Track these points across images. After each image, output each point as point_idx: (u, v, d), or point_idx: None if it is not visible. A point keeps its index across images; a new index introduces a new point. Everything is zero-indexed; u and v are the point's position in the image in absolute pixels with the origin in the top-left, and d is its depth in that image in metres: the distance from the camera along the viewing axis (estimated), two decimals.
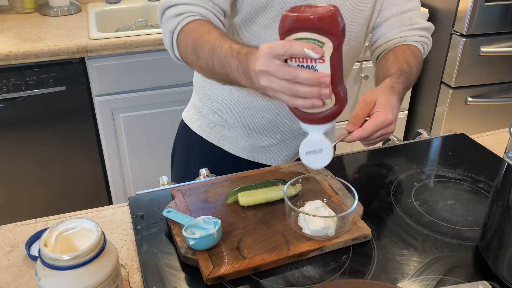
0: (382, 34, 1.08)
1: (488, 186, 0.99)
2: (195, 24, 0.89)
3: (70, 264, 0.58)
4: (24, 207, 2.04)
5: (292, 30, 0.68)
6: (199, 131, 1.19)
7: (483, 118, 2.31)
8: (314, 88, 0.68)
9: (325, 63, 0.68)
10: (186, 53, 0.91)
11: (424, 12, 1.10)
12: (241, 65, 0.78)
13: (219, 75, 0.85)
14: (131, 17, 2.25)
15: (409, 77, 0.98)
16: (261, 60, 0.71)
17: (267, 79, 0.71)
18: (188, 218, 0.83)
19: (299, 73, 0.68)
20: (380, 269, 0.77)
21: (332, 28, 0.66)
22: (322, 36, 0.67)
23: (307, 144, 0.78)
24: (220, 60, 0.82)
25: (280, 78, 0.69)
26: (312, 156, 0.78)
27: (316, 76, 0.67)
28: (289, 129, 1.12)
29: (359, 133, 0.83)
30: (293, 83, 0.69)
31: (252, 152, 1.16)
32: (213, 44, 0.84)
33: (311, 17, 0.66)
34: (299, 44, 0.67)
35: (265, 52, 0.70)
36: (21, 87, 1.80)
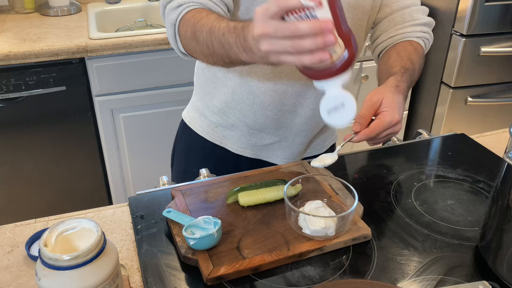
0: (383, 31, 1.09)
1: (488, 186, 0.99)
2: (194, 11, 0.88)
3: (70, 264, 0.58)
4: (24, 207, 2.04)
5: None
6: (201, 132, 1.19)
7: (483, 118, 2.31)
8: (317, 37, 0.64)
9: (324, 8, 0.64)
10: (187, 40, 0.89)
11: (424, 8, 1.10)
12: (238, 39, 0.75)
13: (219, 56, 0.82)
14: (131, 17, 2.25)
15: (412, 75, 0.99)
16: (257, 24, 0.68)
17: (268, 43, 0.67)
18: (188, 218, 0.83)
19: (299, 26, 0.64)
20: (380, 269, 0.77)
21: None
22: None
23: (327, 100, 0.73)
24: (219, 40, 0.80)
25: (281, 37, 0.66)
26: (334, 113, 0.74)
27: (317, 23, 0.63)
28: (291, 125, 1.12)
29: (366, 134, 0.83)
30: (295, 38, 0.65)
31: (255, 150, 1.16)
32: (211, 25, 0.82)
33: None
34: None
35: (260, 15, 0.67)
36: (21, 87, 1.80)
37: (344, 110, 0.73)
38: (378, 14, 1.08)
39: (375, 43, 1.11)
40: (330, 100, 0.73)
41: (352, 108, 0.73)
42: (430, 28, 1.10)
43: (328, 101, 0.73)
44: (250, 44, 0.72)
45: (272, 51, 0.68)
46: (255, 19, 0.68)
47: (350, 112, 0.73)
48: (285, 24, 0.65)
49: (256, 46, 0.70)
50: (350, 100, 0.72)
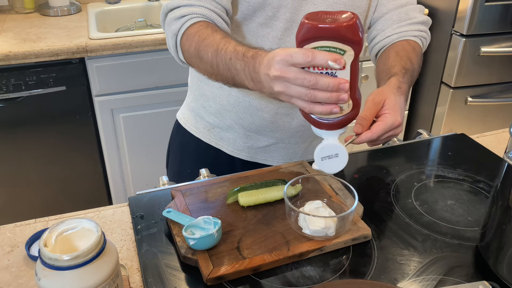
0: (380, 30, 1.08)
1: (488, 186, 0.99)
2: (198, 26, 0.89)
3: (70, 264, 0.58)
4: (24, 207, 2.04)
5: (312, 38, 0.67)
6: (196, 133, 1.19)
7: (483, 118, 2.31)
8: (333, 93, 0.67)
9: (345, 70, 0.68)
10: (190, 55, 0.90)
11: (420, 6, 1.10)
12: (247, 68, 0.77)
13: (224, 77, 0.84)
14: (131, 17, 2.25)
15: (412, 75, 0.98)
16: (276, 66, 0.69)
17: (283, 85, 0.70)
18: (188, 218, 0.83)
19: (319, 80, 0.67)
20: (380, 269, 0.77)
21: (353, 36, 0.65)
22: (344, 45, 0.66)
23: (323, 150, 0.77)
24: (225, 63, 0.81)
25: (299, 85, 0.68)
26: (327, 161, 0.78)
27: (336, 81, 0.67)
28: (288, 127, 1.12)
29: (368, 136, 0.83)
30: (311, 89, 0.68)
31: (251, 153, 1.16)
32: (217, 46, 0.83)
33: (333, 26, 0.65)
34: (322, 55, 0.65)
35: (281, 58, 0.69)
36: (21, 87, 1.80)
37: (337, 160, 0.77)
38: (375, 13, 1.08)
39: (372, 43, 1.11)
40: (326, 149, 0.77)
41: (345, 159, 0.77)
42: (427, 26, 1.10)
43: (324, 150, 0.77)
44: (261, 77, 0.74)
45: (286, 94, 0.71)
46: (274, 60, 0.70)
47: (342, 163, 0.78)
48: (306, 75, 0.68)
49: (269, 83, 0.72)
50: (344, 152, 0.77)
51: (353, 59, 0.67)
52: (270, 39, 0.99)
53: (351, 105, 0.71)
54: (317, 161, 0.78)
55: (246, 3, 0.95)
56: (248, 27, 0.99)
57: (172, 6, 0.92)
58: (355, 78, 0.69)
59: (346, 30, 0.65)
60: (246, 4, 0.95)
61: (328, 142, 0.76)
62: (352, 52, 0.66)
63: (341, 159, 0.77)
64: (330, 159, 0.77)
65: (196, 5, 0.90)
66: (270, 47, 1.00)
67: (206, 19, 0.90)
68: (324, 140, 0.77)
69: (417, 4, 1.10)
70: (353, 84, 0.69)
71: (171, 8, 0.93)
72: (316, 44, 0.67)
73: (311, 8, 0.97)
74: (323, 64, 0.66)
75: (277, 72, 0.69)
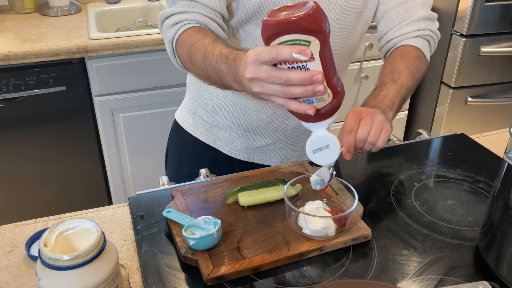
0: (383, 33, 1.07)
1: (488, 186, 0.99)
2: (190, 31, 0.90)
3: (70, 264, 0.58)
4: (24, 207, 2.04)
5: (275, 34, 0.66)
6: (194, 132, 1.19)
7: (483, 118, 2.31)
8: (308, 87, 0.67)
9: (315, 61, 0.67)
10: (184, 60, 0.92)
11: (425, 0, 1.05)
12: (230, 70, 0.78)
13: (214, 80, 0.85)
14: (131, 17, 2.25)
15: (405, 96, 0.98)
16: (249, 67, 0.70)
17: (259, 85, 0.70)
18: (188, 218, 0.83)
19: (290, 76, 0.67)
20: (380, 269, 0.77)
21: (315, 26, 0.65)
22: (307, 35, 0.65)
23: (313, 142, 0.77)
24: (212, 66, 0.82)
25: (272, 83, 0.69)
26: (319, 153, 0.78)
27: (308, 75, 0.66)
28: (285, 127, 1.11)
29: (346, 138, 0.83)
30: (286, 85, 0.68)
31: (248, 153, 1.16)
32: (205, 50, 0.84)
33: (292, 19, 0.64)
34: (286, 49, 0.65)
35: (252, 59, 0.69)
36: (21, 87, 1.80)
37: (328, 151, 0.77)
38: (377, 13, 1.06)
39: (379, 44, 1.10)
40: (316, 141, 0.77)
41: (336, 149, 0.77)
42: (432, 21, 1.06)
43: (314, 142, 0.77)
44: (241, 79, 0.74)
45: (263, 93, 0.71)
46: (247, 62, 0.70)
47: (334, 153, 0.77)
48: (276, 72, 0.68)
49: (247, 84, 0.73)
50: (334, 142, 0.77)
51: (320, 49, 0.66)
52: None
53: (331, 94, 0.71)
54: (309, 155, 0.78)
55: (242, 8, 0.95)
56: (244, 29, 0.99)
57: (167, 14, 0.94)
58: (327, 67, 0.68)
59: (305, 21, 0.64)
60: (243, 9, 0.96)
61: (317, 134, 0.76)
62: (317, 41, 0.66)
63: (332, 149, 0.77)
64: (322, 151, 0.77)
65: (189, 12, 0.91)
66: None
67: (200, 24, 0.91)
68: (313, 133, 0.77)
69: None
70: (327, 73, 0.68)
71: (166, 16, 0.94)
72: (281, 39, 0.67)
73: None
74: (289, 58, 0.65)
75: (251, 74, 0.70)
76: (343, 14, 0.99)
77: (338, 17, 1.00)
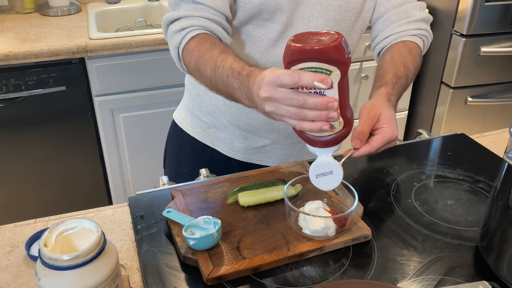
0: (379, 31, 1.08)
1: (488, 186, 0.99)
2: (197, 39, 0.90)
3: (70, 264, 0.58)
4: (24, 207, 2.04)
5: (298, 60, 0.67)
6: (192, 133, 1.19)
7: (483, 118, 2.31)
8: (322, 112, 0.68)
9: (333, 89, 0.68)
10: (191, 70, 0.92)
11: (421, 3, 1.08)
12: (243, 87, 0.78)
13: (223, 93, 0.86)
14: (131, 17, 2.25)
15: (404, 82, 0.98)
16: (265, 87, 0.70)
17: (273, 106, 0.71)
18: (188, 218, 0.83)
19: (308, 100, 0.68)
20: (380, 269, 0.77)
21: (339, 57, 0.66)
22: (329, 65, 0.67)
23: (317, 167, 0.78)
24: (223, 80, 0.83)
25: (288, 105, 0.70)
26: (322, 178, 0.78)
27: (324, 100, 0.68)
28: (284, 128, 1.11)
29: (367, 149, 0.83)
30: (301, 108, 0.69)
31: (247, 154, 1.16)
32: (215, 63, 0.84)
33: (318, 48, 0.65)
34: (308, 75, 0.66)
35: (270, 80, 0.70)
36: (21, 87, 1.80)
37: (331, 177, 0.78)
38: (374, 13, 1.07)
39: (373, 43, 1.11)
40: (320, 166, 0.78)
41: (339, 176, 0.78)
42: (428, 23, 1.09)
43: (318, 168, 0.78)
44: (254, 97, 0.75)
45: (276, 113, 0.72)
46: (263, 82, 0.71)
47: (336, 180, 0.78)
48: (294, 95, 0.69)
49: (260, 103, 0.73)
50: (338, 169, 0.77)
51: (340, 79, 0.68)
52: (266, 41, 0.99)
53: (342, 123, 0.72)
54: (312, 178, 0.79)
55: (243, 9, 0.95)
56: (244, 29, 1.00)
57: (172, 18, 0.93)
58: (344, 97, 0.70)
59: (331, 51, 0.66)
60: (242, 10, 0.96)
61: (322, 159, 0.77)
62: (338, 72, 0.67)
63: (335, 176, 0.78)
64: (325, 176, 0.78)
65: (195, 16, 0.91)
66: (266, 48, 1.00)
67: (206, 31, 0.91)
68: (318, 158, 0.77)
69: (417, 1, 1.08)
70: (342, 103, 0.70)
71: (171, 20, 0.94)
72: (303, 66, 0.68)
73: (306, 10, 0.97)
74: (310, 85, 0.67)
75: (266, 94, 0.70)
76: (342, 14, 1.00)
77: (337, 18, 1.00)
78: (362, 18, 1.05)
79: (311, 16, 0.98)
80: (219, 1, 0.91)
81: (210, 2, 0.91)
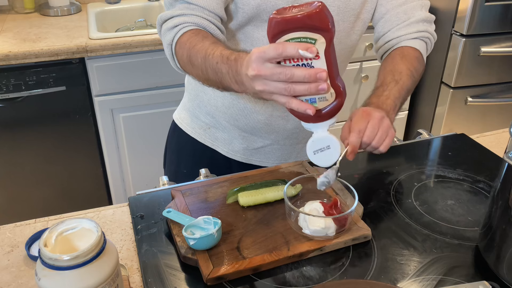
0: (380, 34, 1.07)
1: (488, 186, 0.99)
2: (189, 34, 0.90)
3: (70, 264, 0.58)
4: (24, 207, 2.04)
5: (281, 32, 0.67)
6: (192, 133, 1.19)
7: (483, 118, 2.31)
8: (311, 84, 0.68)
9: (320, 59, 0.68)
10: (184, 63, 0.92)
11: (423, 2, 1.06)
12: (231, 71, 0.78)
13: (214, 82, 0.86)
14: (131, 17, 2.25)
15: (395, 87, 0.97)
16: (253, 65, 0.70)
17: (262, 83, 0.71)
18: (188, 218, 0.83)
19: (295, 72, 0.67)
20: (380, 269, 0.77)
21: (322, 24, 0.66)
22: (314, 33, 0.66)
23: (314, 143, 0.77)
24: (213, 67, 0.83)
25: (276, 80, 0.69)
26: (320, 154, 0.78)
27: (312, 71, 0.67)
28: (283, 129, 1.11)
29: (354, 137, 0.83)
30: (290, 82, 0.68)
31: (246, 154, 1.16)
32: (205, 52, 0.84)
33: (299, 16, 0.65)
34: (292, 45, 0.66)
35: (256, 57, 0.69)
36: (21, 87, 1.80)
37: (329, 152, 0.77)
38: (375, 14, 1.06)
39: (376, 46, 1.10)
40: (317, 142, 0.77)
41: (337, 150, 0.77)
42: (430, 23, 1.07)
43: (315, 143, 0.77)
44: (243, 78, 0.75)
45: (266, 91, 0.71)
46: (251, 60, 0.71)
47: (335, 154, 0.77)
48: (281, 69, 0.68)
49: (250, 83, 0.73)
50: (335, 143, 0.77)
51: (325, 47, 0.67)
52: (265, 42, 0.99)
53: (334, 94, 0.71)
54: (310, 156, 0.79)
55: (241, 11, 0.96)
56: (243, 31, 1.00)
57: (165, 17, 0.94)
58: (332, 67, 0.69)
59: (313, 19, 0.65)
60: (242, 11, 0.96)
61: (318, 135, 0.76)
62: (323, 39, 0.67)
63: (333, 150, 0.77)
64: (323, 152, 0.77)
65: (188, 14, 0.92)
66: None
67: (198, 27, 0.91)
68: (314, 134, 0.77)
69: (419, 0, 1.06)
70: (331, 72, 0.69)
71: (164, 19, 0.94)
72: (288, 37, 0.67)
73: None
74: (295, 54, 0.66)
75: (254, 71, 0.70)
76: (341, 15, 1.00)
77: (336, 19, 1.00)
78: (362, 19, 1.05)
79: None
80: (213, 2, 0.92)
81: (204, 3, 0.91)
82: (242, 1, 0.94)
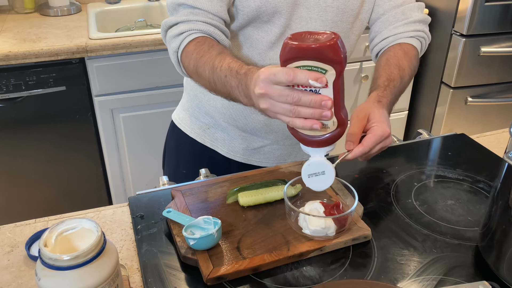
0: (377, 32, 1.08)
1: (488, 186, 0.99)
2: (195, 42, 0.90)
3: (70, 264, 0.58)
4: (24, 207, 2.04)
5: (294, 58, 0.68)
6: (191, 134, 1.19)
7: (483, 118, 2.31)
8: (316, 110, 0.69)
9: (328, 88, 0.69)
10: (190, 72, 0.93)
11: (419, 4, 1.08)
12: (241, 85, 0.79)
13: (222, 93, 0.87)
14: (131, 17, 2.25)
15: (399, 84, 0.97)
16: (260, 84, 0.71)
17: (268, 102, 0.72)
18: (188, 218, 0.83)
19: (302, 97, 0.69)
20: (380, 269, 0.77)
21: (334, 56, 0.67)
22: (325, 64, 0.67)
23: (310, 166, 0.78)
24: (221, 80, 0.84)
25: (283, 102, 0.70)
26: (314, 178, 0.79)
27: (318, 98, 0.68)
28: (283, 129, 1.12)
29: (360, 150, 0.83)
30: (295, 105, 0.70)
31: (246, 155, 1.16)
32: (213, 64, 0.85)
33: (314, 47, 0.66)
34: (303, 74, 0.67)
35: (265, 77, 0.71)
36: (21, 87, 1.80)
37: (323, 177, 0.78)
38: (372, 15, 1.07)
39: (371, 44, 1.11)
40: (313, 166, 0.78)
41: (331, 177, 0.78)
42: (426, 24, 1.09)
43: (310, 167, 0.78)
44: (251, 94, 0.76)
45: (270, 110, 0.73)
46: (259, 79, 0.72)
47: (328, 180, 0.78)
48: (289, 91, 0.70)
49: (256, 100, 0.74)
50: (330, 169, 0.77)
51: (335, 78, 0.68)
52: (265, 43, 1.00)
53: (336, 123, 0.73)
54: (304, 178, 0.80)
55: (242, 12, 0.96)
56: (243, 32, 1.00)
57: (170, 23, 0.94)
58: (339, 97, 0.70)
59: (327, 50, 0.66)
60: (241, 13, 0.96)
61: (315, 159, 0.77)
62: (333, 71, 0.68)
63: (327, 177, 0.78)
64: (317, 176, 0.78)
65: (193, 21, 0.92)
66: (265, 50, 1.00)
67: (204, 34, 0.92)
68: (311, 158, 0.78)
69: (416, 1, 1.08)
70: (337, 102, 0.70)
71: (169, 25, 0.94)
72: (299, 64, 0.68)
73: (304, 12, 0.98)
74: (305, 82, 0.67)
75: (262, 90, 0.71)
76: (340, 16, 1.00)
77: (335, 19, 1.00)
78: (360, 20, 1.05)
79: (309, 18, 0.98)
80: (217, 6, 0.92)
81: (208, 7, 0.91)
82: (242, 3, 0.94)
